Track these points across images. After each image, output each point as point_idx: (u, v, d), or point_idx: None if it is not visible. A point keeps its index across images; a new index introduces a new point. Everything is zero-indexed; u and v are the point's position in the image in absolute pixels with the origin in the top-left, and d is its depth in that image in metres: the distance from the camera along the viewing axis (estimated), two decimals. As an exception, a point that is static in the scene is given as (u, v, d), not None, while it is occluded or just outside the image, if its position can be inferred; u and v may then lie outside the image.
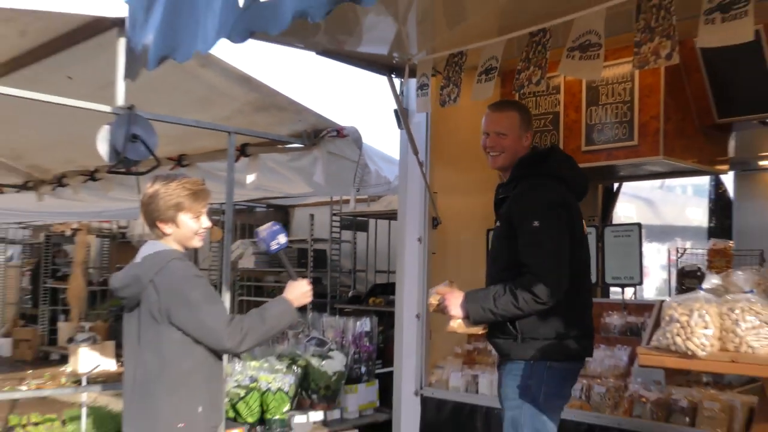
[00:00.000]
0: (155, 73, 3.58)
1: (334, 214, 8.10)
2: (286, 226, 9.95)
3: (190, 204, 2.59)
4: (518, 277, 2.73)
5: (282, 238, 2.76)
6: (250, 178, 5.22)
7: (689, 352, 2.06)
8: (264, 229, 2.76)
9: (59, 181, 6.89)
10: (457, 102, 3.60)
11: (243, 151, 5.19)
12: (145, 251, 2.60)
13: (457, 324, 2.85)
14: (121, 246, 12.09)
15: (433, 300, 2.91)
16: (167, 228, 2.60)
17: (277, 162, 5.34)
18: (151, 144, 3.65)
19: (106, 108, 3.65)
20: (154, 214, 2.59)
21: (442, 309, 2.87)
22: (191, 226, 2.62)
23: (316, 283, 7.67)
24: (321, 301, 7.74)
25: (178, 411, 2.51)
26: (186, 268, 2.56)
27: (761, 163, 5.50)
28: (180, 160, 5.68)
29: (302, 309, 7.47)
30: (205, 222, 2.66)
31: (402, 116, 4.16)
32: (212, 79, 4.26)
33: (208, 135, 4.87)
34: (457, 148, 4.47)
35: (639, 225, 4.21)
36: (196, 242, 2.68)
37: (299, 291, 2.73)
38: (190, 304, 2.46)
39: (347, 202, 7.30)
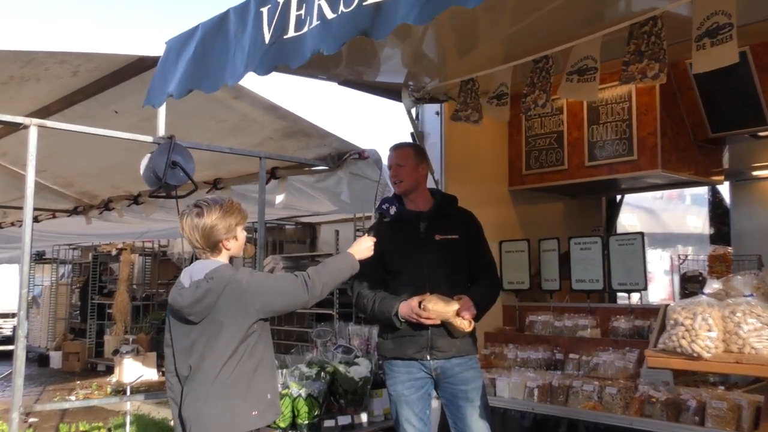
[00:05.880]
0: (192, 105, 3.65)
1: (358, 230, 8.12)
2: (314, 242, 9.99)
3: (241, 217, 2.73)
4: (487, 276, 3.25)
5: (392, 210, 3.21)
6: (279, 199, 5.26)
7: (695, 354, 2.03)
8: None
9: (106, 206, 6.97)
10: (479, 122, 3.67)
11: (273, 174, 5.23)
12: (202, 269, 2.65)
13: (472, 325, 3.04)
14: (162, 263, 12.19)
15: (450, 308, 2.98)
16: (229, 243, 2.70)
17: (305, 183, 5.37)
18: (189, 170, 3.70)
19: (149, 138, 3.72)
20: (220, 236, 2.66)
21: (456, 314, 3.00)
22: (243, 237, 2.76)
23: (342, 293, 7.68)
24: (346, 311, 7.74)
25: (252, 400, 2.60)
26: (248, 270, 2.73)
27: (754, 173, 5.46)
28: (216, 184, 5.73)
29: (329, 319, 7.42)
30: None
31: (418, 138, 4.19)
32: (244, 109, 4.31)
33: (241, 160, 4.94)
34: (468, 165, 4.49)
35: (642, 234, 4.19)
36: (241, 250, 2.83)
37: (362, 246, 2.92)
38: (269, 288, 2.64)
39: (369, 218, 7.32)
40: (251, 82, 3.08)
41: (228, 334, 2.56)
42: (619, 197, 5.94)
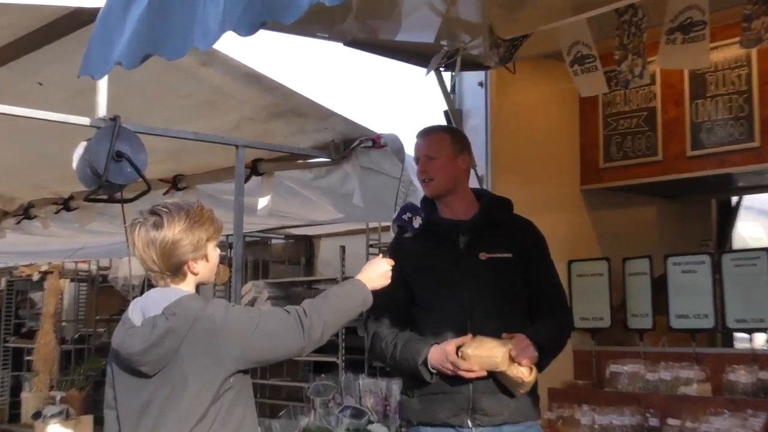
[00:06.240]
0: (145, 75, 3.69)
1: (371, 245, 8.13)
2: (310, 262, 10.03)
3: (214, 230, 2.73)
4: (552, 309, 3.28)
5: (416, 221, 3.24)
6: (263, 202, 5.30)
7: None
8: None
9: (25, 213, 7.06)
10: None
11: (255, 168, 5.28)
12: (160, 300, 2.67)
13: (533, 375, 2.99)
14: (102, 292, 12.24)
15: (500, 351, 2.96)
16: (197, 266, 2.71)
17: (298, 181, 5.41)
18: (139, 163, 3.74)
19: (85, 120, 3.77)
20: (186, 256, 2.67)
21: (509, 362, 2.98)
22: (216, 257, 2.78)
23: (349, 333, 7.70)
24: (356, 359, 7.75)
25: None
26: (222, 303, 2.72)
27: None
28: (176, 182, 5.79)
29: (332, 369, 7.41)
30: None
31: (454, 119, 4.21)
32: (216, 80, 4.36)
33: (210, 150, 4.99)
34: (524, 155, 4.51)
35: (768, 250, 4.19)
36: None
37: (376, 270, 2.90)
38: (252, 329, 2.63)
39: (388, 229, 7.35)
40: (226, 42, 3.09)
41: (195, 391, 2.58)
42: (735, 199, 5.93)
